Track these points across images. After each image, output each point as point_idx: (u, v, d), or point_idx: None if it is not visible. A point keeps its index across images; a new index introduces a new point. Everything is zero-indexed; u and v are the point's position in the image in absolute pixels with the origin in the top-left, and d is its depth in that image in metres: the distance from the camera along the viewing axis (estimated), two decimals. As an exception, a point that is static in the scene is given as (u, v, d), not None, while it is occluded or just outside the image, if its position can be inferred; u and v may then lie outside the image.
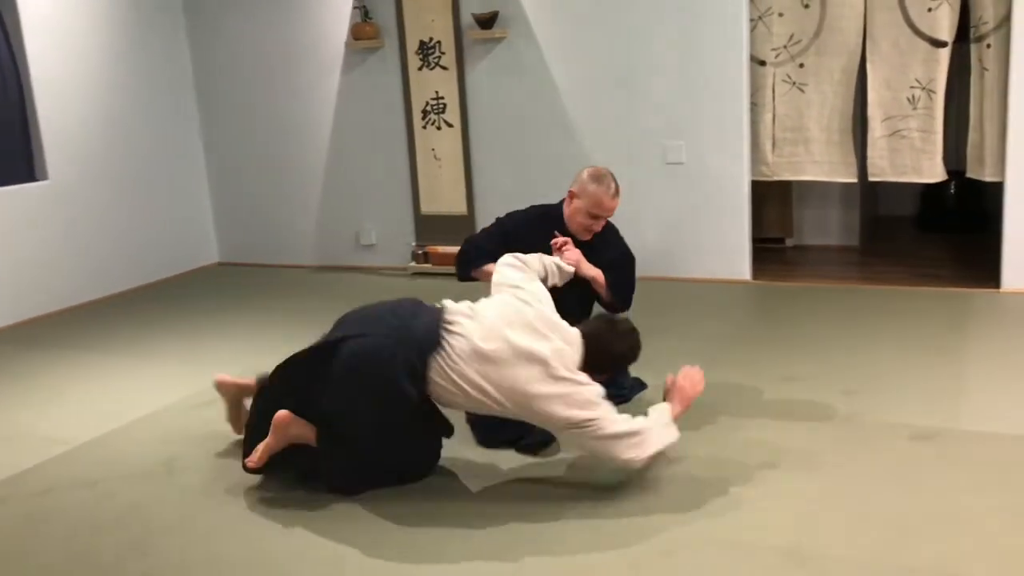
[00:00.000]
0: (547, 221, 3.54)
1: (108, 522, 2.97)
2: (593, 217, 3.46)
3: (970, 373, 3.80)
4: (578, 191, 3.46)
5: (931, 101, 5.04)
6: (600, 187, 3.43)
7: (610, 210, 3.48)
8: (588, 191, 3.44)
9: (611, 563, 2.54)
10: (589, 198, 3.44)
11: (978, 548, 2.49)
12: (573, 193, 3.47)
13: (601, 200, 3.43)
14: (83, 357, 4.85)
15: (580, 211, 3.47)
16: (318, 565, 2.63)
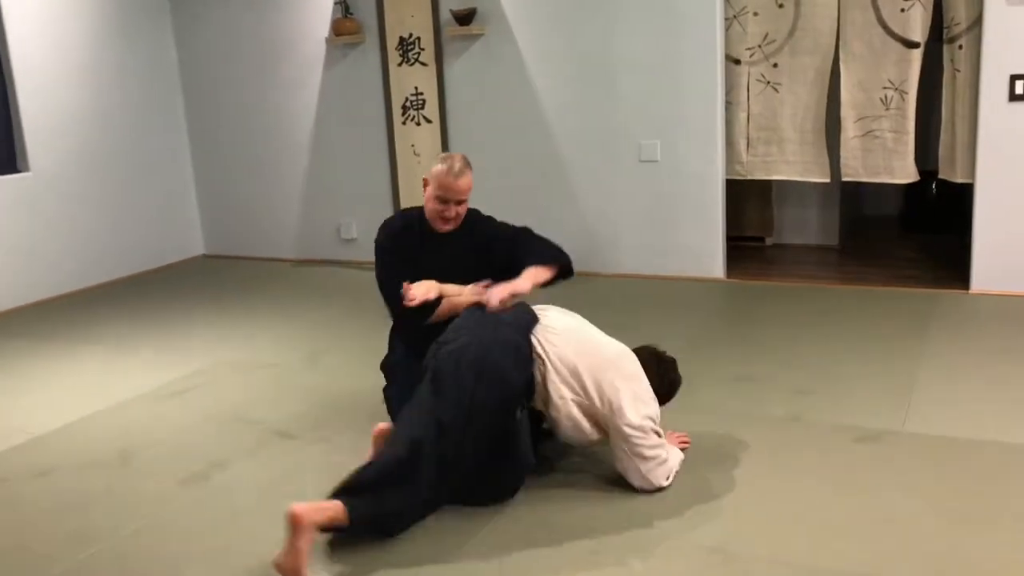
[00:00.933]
0: (408, 223, 3.38)
1: (58, 511, 3.03)
2: (442, 201, 3.21)
3: (925, 375, 3.81)
4: (428, 177, 3.24)
5: (903, 102, 5.04)
6: (443, 167, 3.19)
7: (457, 191, 3.20)
8: (433, 174, 3.21)
9: (535, 561, 2.57)
10: (435, 181, 3.21)
11: (906, 550, 2.51)
12: (425, 180, 3.27)
13: (444, 181, 3.18)
14: (60, 347, 4.91)
15: (430, 197, 3.23)
16: (260, 555, 2.67)
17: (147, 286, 6.30)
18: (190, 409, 3.89)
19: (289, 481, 3.16)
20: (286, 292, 5.89)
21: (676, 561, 2.52)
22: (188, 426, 3.70)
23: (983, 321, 4.56)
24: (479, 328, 2.92)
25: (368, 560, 2.61)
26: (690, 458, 3.15)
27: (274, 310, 5.42)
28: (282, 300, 5.66)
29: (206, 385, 4.18)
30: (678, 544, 2.61)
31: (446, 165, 3.22)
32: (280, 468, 3.26)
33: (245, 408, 3.85)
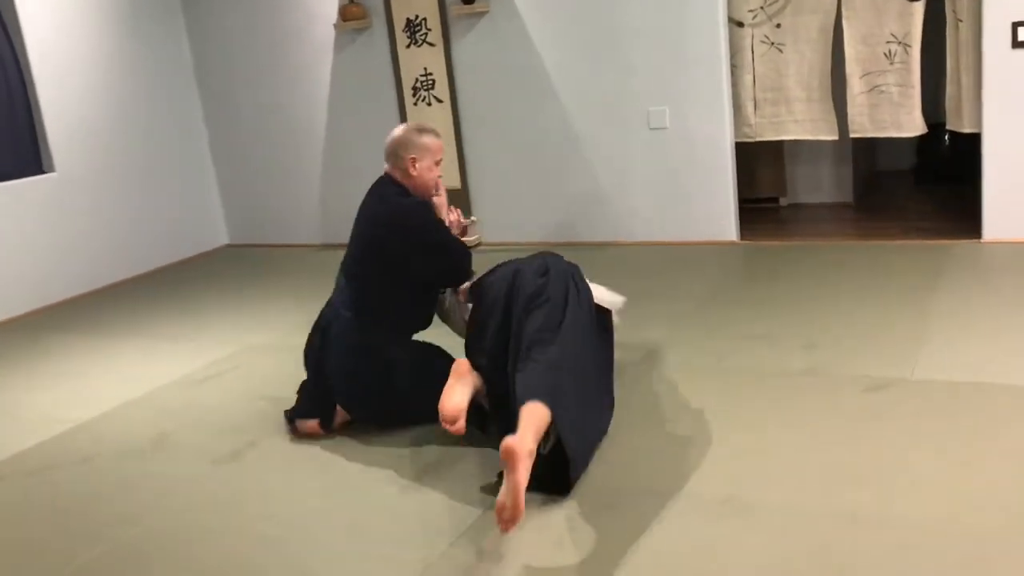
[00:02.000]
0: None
1: (98, 496, 3.18)
2: (439, 163, 3.37)
3: (935, 325, 3.87)
4: (416, 154, 3.28)
5: (907, 55, 5.06)
6: (429, 135, 3.33)
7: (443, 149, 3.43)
8: (424, 143, 3.30)
9: (552, 517, 2.68)
10: (429, 149, 3.31)
11: (916, 493, 2.59)
12: (414, 159, 3.28)
13: (440, 143, 3.36)
14: (92, 340, 5.08)
15: (429, 167, 3.32)
16: (296, 533, 2.80)
17: (174, 278, 6.46)
18: (220, 393, 4.04)
19: (316, 456, 3.29)
20: (309, 277, 6.02)
21: (689, 511, 2.62)
22: (219, 409, 3.85)
23: (994, 269, 4.60)
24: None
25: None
26: (701, 411, 3.25)
27: (297, 294, 5.56)
28: (305, 285, 5.79)
29: (235, 369, 4.32)
30: (691, 494, 2.70)
31: (431, 132, 3.34)
32: (307, 446, 3.39)
33: (273, 389, 3.99)
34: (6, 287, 5.73)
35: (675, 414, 3.28)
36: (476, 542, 2.59)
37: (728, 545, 2.44)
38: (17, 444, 3.69)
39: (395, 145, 3.33)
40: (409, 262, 3.27)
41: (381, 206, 3.34)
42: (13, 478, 3.39)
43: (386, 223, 3.28)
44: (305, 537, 2.72)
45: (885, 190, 6.89)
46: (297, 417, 3.45)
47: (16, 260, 5.79)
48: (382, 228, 3.29)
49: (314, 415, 3.41)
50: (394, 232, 3.26)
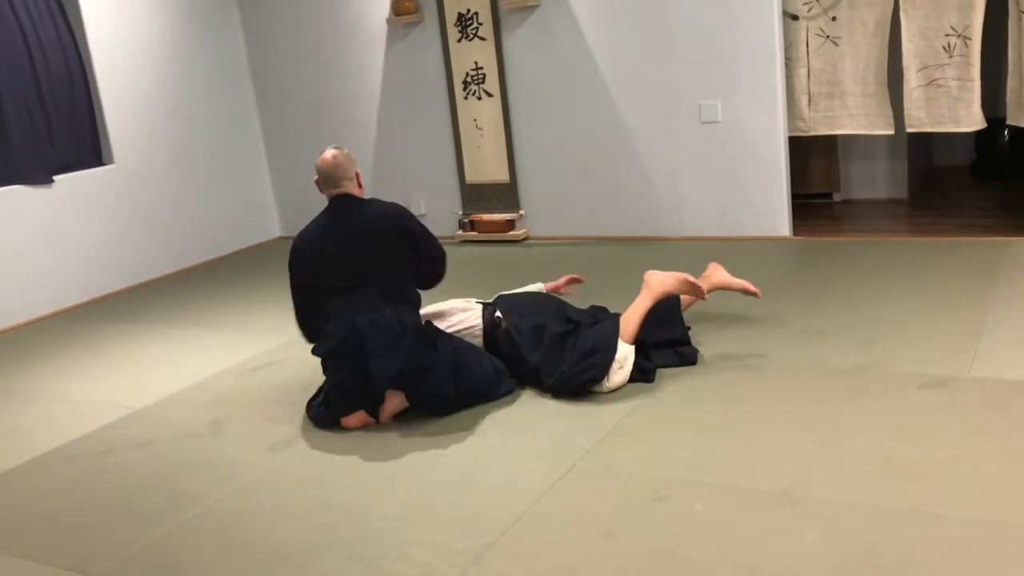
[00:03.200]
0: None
1: (158, 478, 3.26)
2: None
3: (992, 322, 3.80)
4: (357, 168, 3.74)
5: (967, 48, 4.97)
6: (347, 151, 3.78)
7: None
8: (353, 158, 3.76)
9: (601, 506, 2.69)
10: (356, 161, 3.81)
11: (973, 489, 2.55)
12: (358, 174, 3.73)
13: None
14: (149, 329, 5.19)
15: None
16: (351, 519, 2.85)
17: (228, 269, 6.57)
18: (274, 382, 4.11)
19: (365, 442, 3.34)
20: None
21: (740, 505, 2.62)
22: (272, 397, 3.91)
23: (1056, 266, 4.50)
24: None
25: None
26: (755, 406, 3.24)
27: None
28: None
29: (287, 359, 4.39)
30: (742, 488, 2.70)
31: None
32: (361, 433, 3.43)
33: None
34: (65, 277, 5.88)
35: (729, 408, 3.27)
36: (530, 531, 2.61)
37: (781, 540, 2.43)
38: (79, 429, 3.79)
39: (339, 169, 3.67)
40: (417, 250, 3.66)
41: (377, 211, 3.67)
42: (77, 460, 3.49)
43: (394, 218, 3.65)
44: (360, 523, 2.77)
45: (941, 186, 6.77)
46: (341, 415, 3.48)
47: (74, 250, 5.93)
48: (391, 223, 3.63)
49: (358, 407, 3.46)
50: (404, 224, 3.65)
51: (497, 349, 3.67)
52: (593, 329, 3.57)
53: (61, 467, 3.45)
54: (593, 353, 3.46)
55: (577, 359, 3.47)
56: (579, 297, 4.11)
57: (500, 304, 3.80)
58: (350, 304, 3.50)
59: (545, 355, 3.54)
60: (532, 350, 3.58)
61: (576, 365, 3.46)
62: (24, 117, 5.69)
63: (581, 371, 3.45)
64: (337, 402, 3.49)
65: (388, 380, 3.37)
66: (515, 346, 3.61)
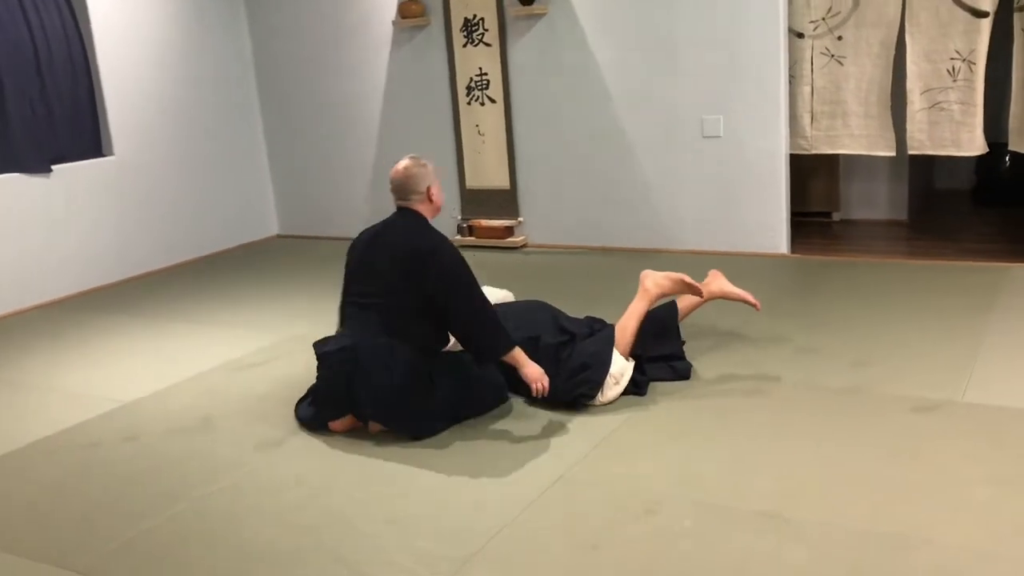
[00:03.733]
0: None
1: (144, 472, 3.24)
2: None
3: (988, 347, 3.79)
4: (431, 181, 3.48)
5: (971, 73, 4.96)
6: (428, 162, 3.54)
7: None
8: (430, 171, 3.51)
9: (589, 518, 2.67)
10: (434, 174, 3.53)
11: (961, 515, 2.55)
12: (431, 189, 3.48)
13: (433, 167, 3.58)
14: (143, 323, 5.17)
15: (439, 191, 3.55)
16: (334, 523, 2.83)
17: (224, 266, 6.55)
18: (265, 380, 4.09)
19: (353, 445, 3.32)
20: (356, 270, 6.07)
21: (729, 522, 2.60)
22: (263, 396, 3.90)
23: (1053, 294, 4.50)
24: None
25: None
26: (746, 424, 3.23)
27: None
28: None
29: (279, 358, 4.37)
30: (732, 506, 2.68)
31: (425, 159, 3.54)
32: (350, 435, 3.41)
33: (313, 380, 4.02)
34: (60, 267, 5.86)
35: (720, 425, 3.26)
36: (515, 541, 2.59)
37: (768, 559, 2.41)
38: (67, 420, 3.77)
39: (409, 181, 3.46)
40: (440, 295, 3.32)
41: (410, 238, 3.40)
42: (63, 452, 3.47)
43: (417, 252, 3.34)
44: (343, 527, 2.75)
45: (941, 209, 6.77)
46: (329, 419, 3.46)
47: (70, 241, 5.91)
48: (412, 255, 3.34)
49: (345, 412, 3.43)
50: (423, 261, 3.32)
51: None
52: (588, 341, 3.56)
53: (47, 459, 3.43)
54: (585, 368, 3.45)
55: (570, 373, 3.45)
56: (576, 306, 4.09)
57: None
58: (355, 320, 3.46)
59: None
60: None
61: (569, 380, 3.44)
62: (25, 105, 5.68)
63: (574, 386, 3.44)
64: (324, 405, 3.47)
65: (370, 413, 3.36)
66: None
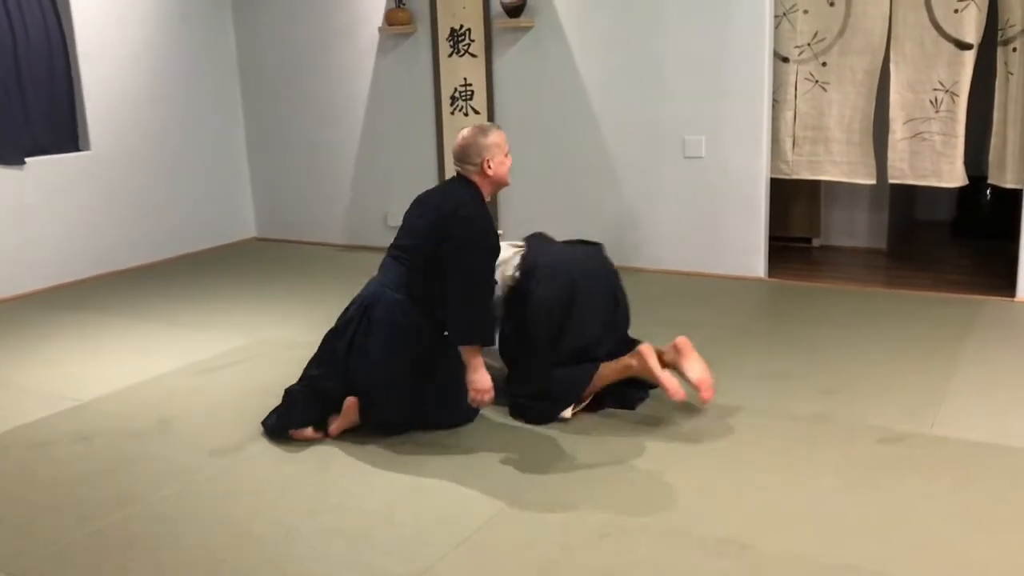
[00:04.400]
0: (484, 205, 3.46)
1: (94, 475, 3.16)
2: (508, 153, 3.44)
3: (959, 380, 3.77)
4: (490, 154, 3.35)
5: (954, 104, 4.96)
6: (492, 132, 3.40)
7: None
8: (493, 142, 3.37)
9: (544, 539, 2.62)
10: (498, 146, 3.38)
11: (918, 550, 2.51)
12: (488, 160, 3.35)
13: (502, 135, 3.43)
14: (111, 321, 5.09)
15: (503, 162, 3.40)
16: (284, 534, 2.76)
17: (198, 266, 6.48)
18: (228, 384, 4.02)
19: (311, 455, 3.25)
20: (330, 276, 6.01)
21: (685, 549, 2.55)
22: (224, 400, 3.83)
23: (1026, 329, 4.48)
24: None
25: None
26: (709, 449, 3.18)
27: (317, 293, 5.54)
28: (326, 284, 5.78)
29: (245, 361, 4.30)
30: (689, 532, 2.63)
31: (491, 129, 3.41)
32: (308, 445, 3.35)
33: (279, 385, 3.91)
34: (30, 260, 5.77)
35: (683, 449, 3.21)
36: (469, 559, 2.53)
37: (721, 587, 2.36)
38: (21, 417, 3.69)
39: (464, 151, 3.40)
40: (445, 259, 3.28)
41: (449, 197, 3.38)
42: (12, 451, 3.39)
43: (446, 209, 3.31)
44: (294, 539, 2.68)
45: (921, 240, 6.77)
46: (292, 427, 3.40)
47: (43, 235, 5.83)
48: (441, 211, 3.32)
49: (308, 421, 3.37)
50: (449, 219, 3.28)
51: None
52: (570, 369, 3.44)
53: (-4, 456, 3.35)
54: (546, 398, 3.42)
55: (531, 393, 3.42)
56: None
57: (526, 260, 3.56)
58: (386, 268, 3.48)
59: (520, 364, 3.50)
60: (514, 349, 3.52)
61: (527, 398, 3.42)
62: (0, 96, 5.60)
63: (525, 406, 3.43)
64: (292, 407, 3.40)
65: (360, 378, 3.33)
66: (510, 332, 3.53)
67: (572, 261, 3.60)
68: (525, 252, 3.60)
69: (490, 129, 3.45)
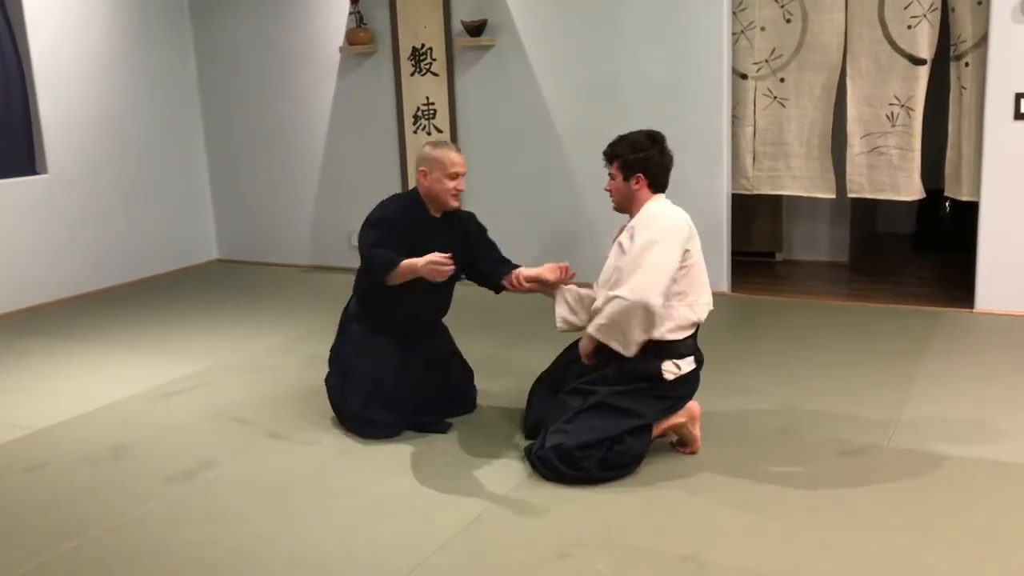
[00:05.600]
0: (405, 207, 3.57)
1: (43, 504, 3.09)
2: (453, 178, 3.48)
3: (918, 392, 3.79)
4: (427, 167, 3.49)
5: (910, 119, 5.02)
6: (444, 149, 3.50)
7: (463, 164, 3.52)
8: (436, 157, 3.47)
9: (503, 559, 2.59)
10: (443, 162, 3.46)
11: (875, 563, 2.51)
12: (424, 172, 3.49)
13: (454, 158, 3.48)
14: (69, 347, 5.00)
15: (440, 179, 3.47)
16: (237, 562, 2.71)
17: (160, 289, 6.40)
18: (186, 409, 3.95)
19: (273, 481, 3.20)
20: (294, 297, 5.96)
21: (644, 567, 2.53)
22: (182, 425, 3.76)
23: (983, 340, 4.52)
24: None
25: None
26: (667, 466, 3.17)
27: (280, 315, 5.49)
28: (289, 305, 5.72)
29: (204, 386, 4.24)
30: (648, 549, 2.62)
31: (446, 147, 3.54)
32: (267, 468, 3.31)
33: (239, 409, 3.91)
34: (-13, 286, 5.68)
35: (642, 466, 3.18)
36: (421, 583, 2.50)
37: (680, 606, 2.34)
38: (-29, 446, 3.61)
39: (417, 158, 3.58)
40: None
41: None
42: (-39, 481, 3.31)
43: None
44: (247, 567, 2.63)
45: (882, 253, 6.84)
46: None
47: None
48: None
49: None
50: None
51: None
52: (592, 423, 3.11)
53: (-56, 487, 3.27)
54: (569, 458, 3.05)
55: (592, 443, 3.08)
56: (511, 341, 4.01)
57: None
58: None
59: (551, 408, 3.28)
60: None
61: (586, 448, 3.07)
62: (-46, 119, 5.52)
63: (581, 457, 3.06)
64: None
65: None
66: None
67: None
68: (694, 353, 3.34)
69: (446, 147, 3.52)
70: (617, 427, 3.07)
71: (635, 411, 3.11)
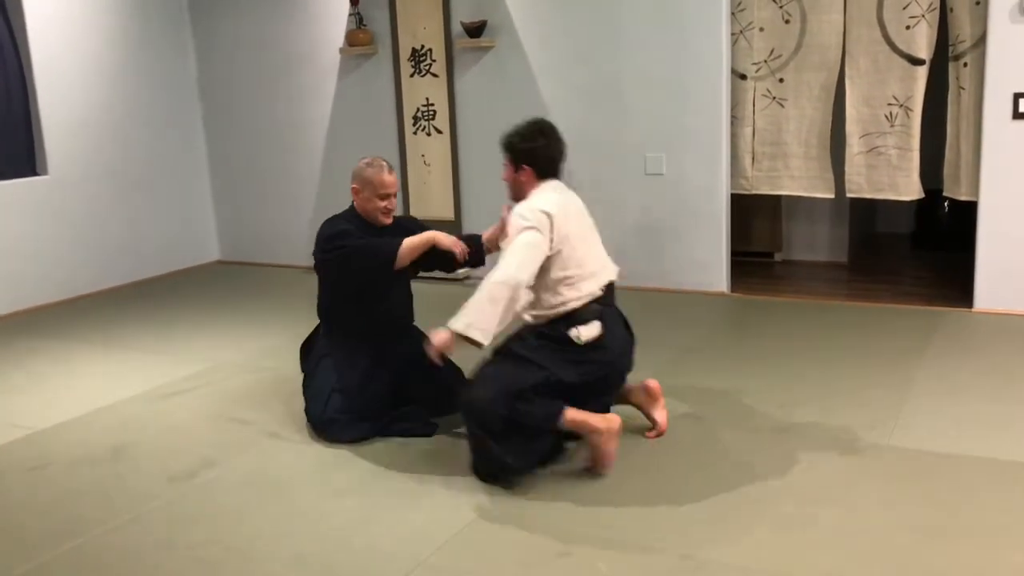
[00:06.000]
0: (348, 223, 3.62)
1: (45, 504, 3.10)
2: (383, 198, 3.59)
3: (917, 391, 3.79)
4: (359, 184, 3.58)
5: (908, 119, 5.03)
6: (374, 169, 3.58)
7: (392, 184, 3.60)
8: (367, 178, 3.57)
9: (502, 559, 2.60)
10: (373, 183, 3.56)
11: (875, 561, 2.51)
12: (356, 189, 3.59)
13: (384, 179, 3.57)
14: (69, 347, 5.01)
15: (371, 198, 3.58)
16: (238, 560, 2.71)
17: (160, 290, 6.40)
18: (186, 409, 3.96)
19: (274, 480, 3.21)
20: (294, 298, 5.96)
21: (643, 566, 2.54)
22: (182, 425, 3.77)
23: (982, 340, 4.53)
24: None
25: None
26: (667, 463, 3.18)
27: (280, 316, 5.50)
28: (289, 306, 5.73)
29: (204, 386, 4.25)
30: (647, 548, 2.62)
31: (377, 167, 3.60)
32: (267, 468, 3.31)
33: (239, 409, 3.91)
34: (-13, 287, 5.68)
35: (641, 465, 3.20)
36: (421, 582, 2.51)
37: (679, 604, 2.35)
38: (-28, 446, 3.62)
39: (352, 172, 3.64)
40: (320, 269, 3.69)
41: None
42: (-39, 481, 3.31)
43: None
44: (247, 565, 2.64)
45: (881, 252, 6.84)
46: None
47: (0, 261, 5.74)
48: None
49: None
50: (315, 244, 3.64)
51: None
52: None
53: (-55, 487, 3.28)
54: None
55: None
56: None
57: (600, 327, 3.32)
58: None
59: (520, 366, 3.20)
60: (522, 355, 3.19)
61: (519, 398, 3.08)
62: (-45, 121, 5.53)
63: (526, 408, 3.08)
64: None
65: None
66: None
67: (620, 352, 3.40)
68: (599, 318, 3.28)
69: (379, 168, 3.58)
70: (523, 378, 3.03)
71: (541, 364, 3.07)
